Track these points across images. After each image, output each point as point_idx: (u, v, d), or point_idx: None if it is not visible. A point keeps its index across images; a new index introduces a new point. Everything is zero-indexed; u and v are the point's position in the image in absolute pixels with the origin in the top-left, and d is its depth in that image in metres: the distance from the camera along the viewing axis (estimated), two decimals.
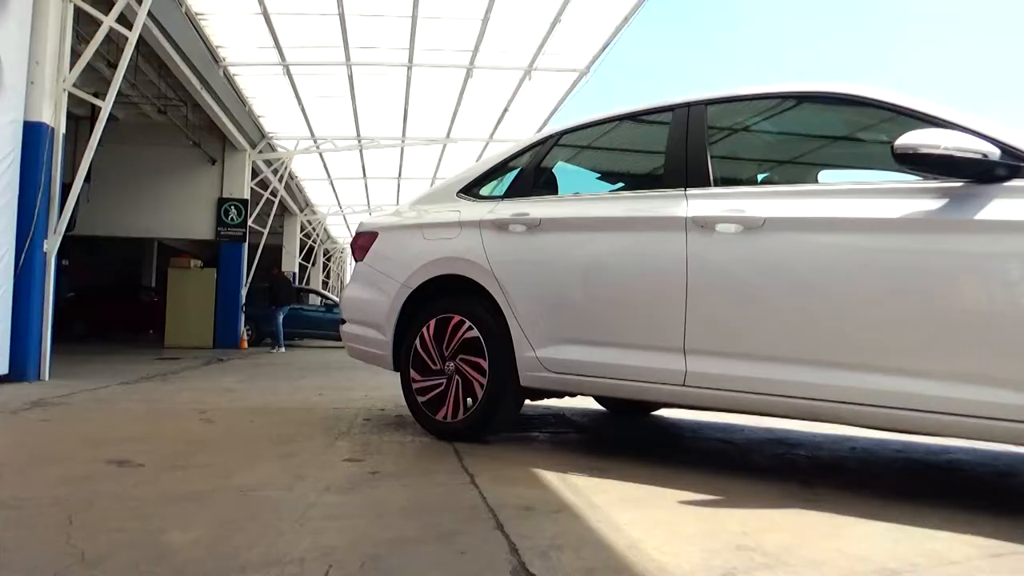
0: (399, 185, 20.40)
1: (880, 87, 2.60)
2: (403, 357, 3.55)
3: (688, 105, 3.02)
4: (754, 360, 2.56)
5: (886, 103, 2.54)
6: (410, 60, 11.52)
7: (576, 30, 10.68)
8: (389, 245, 3.83)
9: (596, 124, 3.48)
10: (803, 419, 2.61)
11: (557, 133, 3.58)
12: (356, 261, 4.04)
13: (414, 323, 3.53)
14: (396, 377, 3.66)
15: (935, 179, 2.31)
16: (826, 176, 3.14)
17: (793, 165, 3.35)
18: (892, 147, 2.26)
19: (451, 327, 3.37)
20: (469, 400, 3.28)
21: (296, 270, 23.69)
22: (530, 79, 12.23)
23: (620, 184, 3.76)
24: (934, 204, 2.29)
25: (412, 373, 3.49)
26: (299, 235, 23.79)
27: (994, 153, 2.19)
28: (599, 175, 3.83)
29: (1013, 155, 2.20)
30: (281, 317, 13.69)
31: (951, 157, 2.18)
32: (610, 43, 11.08)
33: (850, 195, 2.50)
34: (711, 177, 2.83)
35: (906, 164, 2.27)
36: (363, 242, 3.96)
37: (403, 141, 15.61)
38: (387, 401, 4.94)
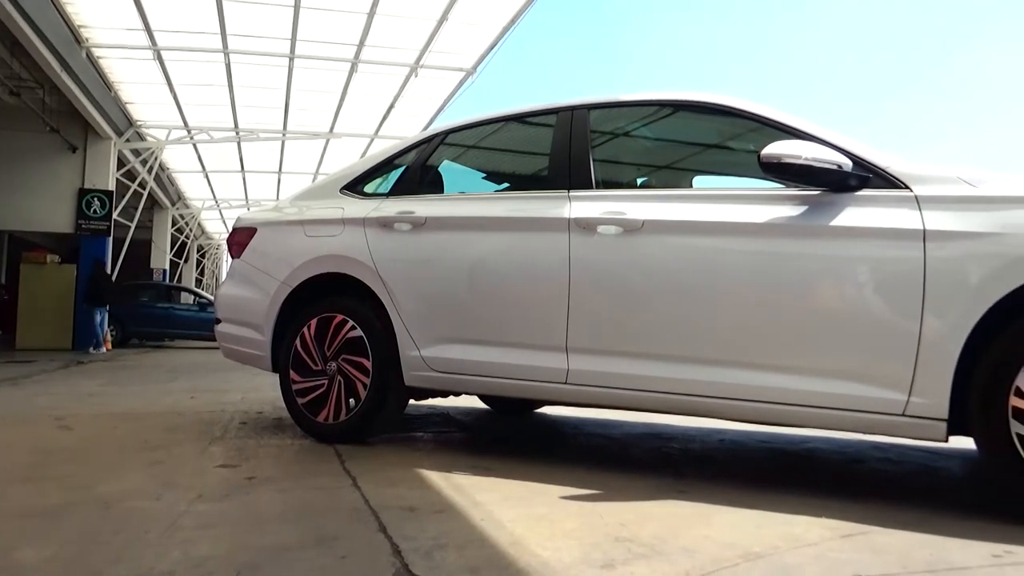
0: (279, 180, 19.72)
1: (750, 100, 2.76)
2: (282, 358, 3.43)
3: (572, 109, 3.08)
4: (633, 358, 2.65)
5: (754, 114, 2.70)
6: (292, 51, 11.16)
7: (463, 30, 10.70)
8: (268, 242, 3.70)
9: (482, 124, 3.50)
10: (677, 414, 2.73)
11: (443, 131, 3.57)
12: (233, 258, 3.87)
13: (294, 322, 3.42)
14: (275, 378, 3.54)
15: (796, 187, 2.47)
16: (700, 181, 3.30)
17: (670, 170, 3.49)
18: (758, 156, 2.40)
19: (333, 326, 3.29)
20: (352, 401, 3.22)
21: (167, 267, 22.44)
22: (416, 76, 12.14)
23: (505, 184, 3.79)
24: (795, 210, 2.45)
25: (292, 374, 3.38)
26: (170, 230, 22.55)
27: (847, 164, 2.37)
28: (485, 175, 3.85)
29: (864, 167, 2.39)
30: (100, 317, 12.68)
31: (810, 167, 2.34)
32: (497, 44, 11.18)
33: (721, 200, 2.63)
34: (593, 180, 2.91)
35: (771, 172, 2.42)
36: (240, 238, 3.80)
37: (284, 134, 15.10)
38: (265, 403, 4.76)
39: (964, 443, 2.30)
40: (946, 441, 2.21)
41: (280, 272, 3.50)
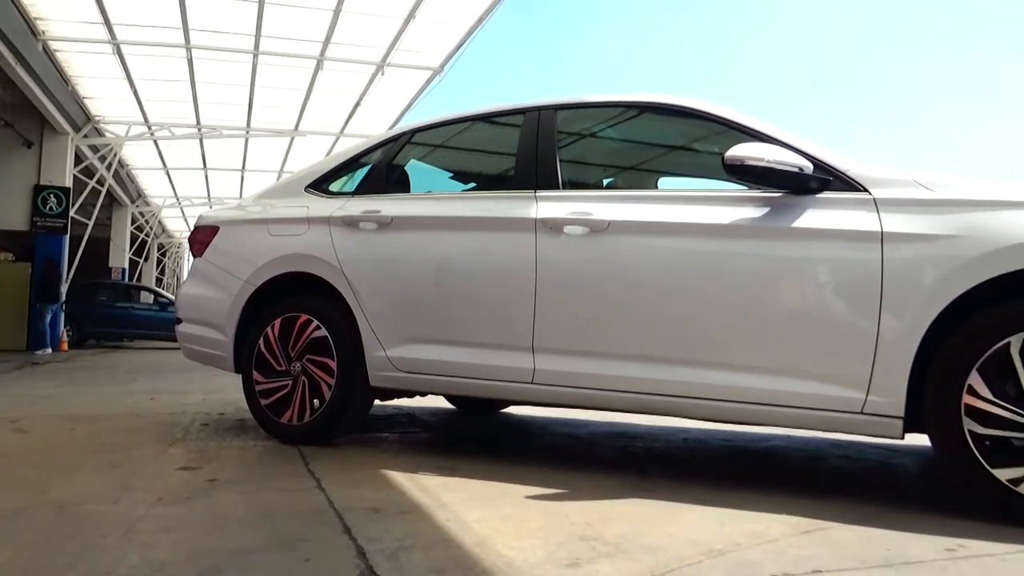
0: (243, 178, 19.42)
1: (714, 102, 2.80)
2: (245, 358, 3.39)
3: (539, 109, 3.09)
4: (599, 358, 2.67)
5: (718, 117, 2.74)
6: (256, 47, 11.01)
7: (431, 28, 10.66)
8: (231, 240, 3.64)
9: (449, 123, 3.49)
10: (643, 413, 2.75)
11: (410, 130, 3.55)
12: (194, 257, 3.81)
13: (257, 322, 3.38)
14: (237, 379, 3.49)
15: (759, 189, 2.51)
16: (665, 182, 3.34)
17: (636, 171, 3.52)
18: (723, 158, 2.43)
19: (298, 326, 3.25)
20: (316, 401, 3.19)
21: (126, 266, 21.97)
22: (383, 75, 12.07)
23: (472, 184, 3.79)
24: (757, 212, 2.49)
25: (255, 375, 3.34)
26: (130, 228, 22.06)
27: (808, 167, 2.41)
28: (451, 174, 3.84)
29: (824, 170, 2.44)
30: (50, 316, 12.36)
31: (772, 170, 2.38)
32: (465, 43, 11.15)
33: (686, 201, 2.66)
34: (560, 180, 2.92)
35: (734, 174, 2.46)
36: (202, 237, 3.74)
37: (248, 132, 14.88)
38: (227, 405, 4.69)
39: (919, 440, 2.35)
40: (902, 438, 2.27)
41: (243, 271, 3.45)
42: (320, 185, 3.57)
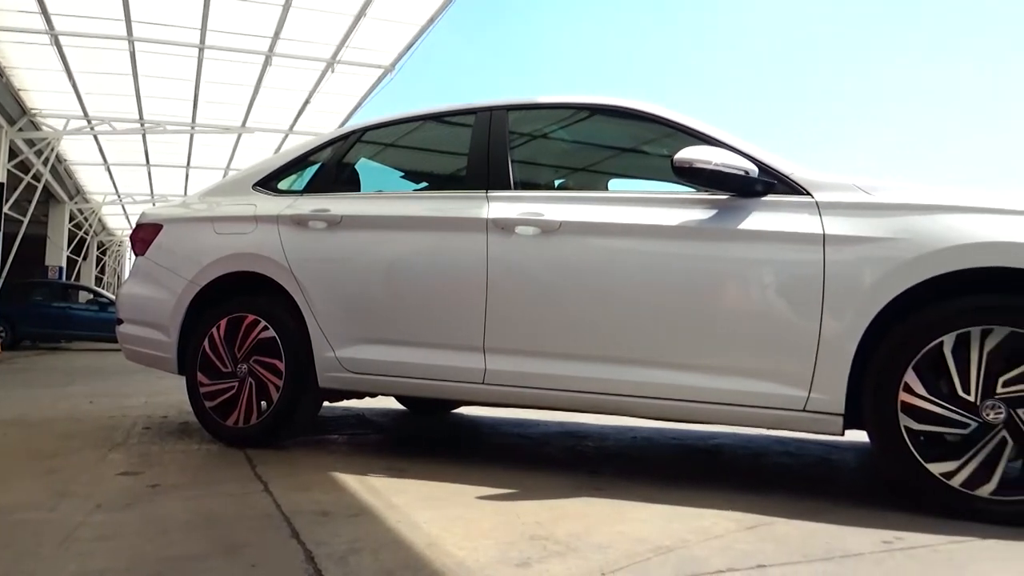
0: (188, 175, 18.98)
1: (663, 105, 2.84)
2: (189, 359, 3.31)
3: (491, 109, 3.09)
4: (549, 358, 2.68)
5: (667, 120, 2.78)
6: (202, 41, 10.77)
7: (382, 26, 10.59)
8: (175, 239, 3.55)
9: (401, 122, 3.47)
10: (593, 412, 2.78)
11: (361, 129, 3.52)
12: (136, 255, 3.70)
13: (202, 323, 3.30)
14: (181, 381, 3.40)
15: (707, 191, 2.56)
16: (616, 184, 3.38)
17: (587, 172, 3.55)
18: (671, 161, 2.47)
19: (244, 327, 3.19)
20: (263, 403, 3.13)
21: (64, 264, 21.23)
22: (333, 72, 11.93)
23: (423, 183, 3.77)
24: (705, 214, 2.54)
25: (200, 376, 3.26)
26: (68, 225, 21.32)
27: (754, 170, 2.47)
28: (403, 173, 3.81)
29: (769, 173, 2.50)
30: None
31: (719, 172, 2.43)
32: (416, 42, 11.11)
33: (636, 203, 2.70)
34: (512, 180, 2.93)
35: (683, 177, 2.50)
36: (145, 235, 3.64)
37: (193, 127, 14.54)
38: (170, 407, 4.57)
39: (858, 436, 2.43)
40: (842, 435, 2.34)
41: (188, 270, 3.37)
42: (268, 183, 3.51)
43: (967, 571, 1.70)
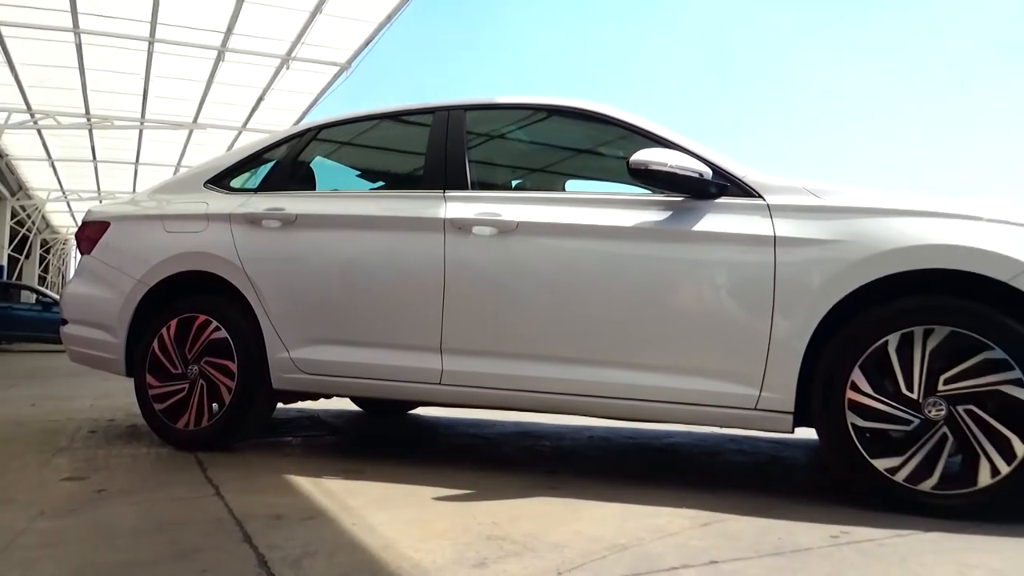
0: (136, 172, 18.52)
1: (619, 107, 2.87)
2: (138, 361, 3.22)
3: (448, 109, 3.09)
4: (506, 358, 2.69)
5: (624, 122, 2.81)
6: (152, 35, 10.52)
7: (338, 23, 10.48)
8: (123, 237, 3.46)
9: (357, 120, 3.44)
10: (550, 412, 2.79)
11: (316, 126, 3.47)
12: (82, 254, 3.60)
13: (151, 323, 3.22)
14: (129, 383, 3.32)
15: (662, 193, 2.59)
16: (573, 185, 3.40)
17: (544, 173, 3.56)
18: (628, 162, 2.50)
19: (195, 327, 3.13)
20: (215, 405, 3.07)
21: (5, 263, 20.51)
22: (288, 69, 11.78)
23: (380, 183, 3.74)
24: (660, 215, 2.57)
25: (149, 378, 3.18)
26: (9, 222, 20.61)
27: (708, 173, 2.51)
28: (359, 172, 3.78)
29: (722, 176, 2.54)
30: None
31: (674, 175, 2.46)
32: (373, 40, 11.02)
33: (592, 204, 2.72)
34: (469, 180, 2.93)
35: (639, 178, 2.53)
36: (91, 233, 3.53)
37: (143, 123, 14.18)
38: (118, 410, 4.45)
39: (808, 434, 2.48)
40: (792, 432, 2.39)
41: (136, 270, 3.29)
42: (221, 181, 3.44)
43: (910, 563, 1.75)
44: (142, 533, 1.95)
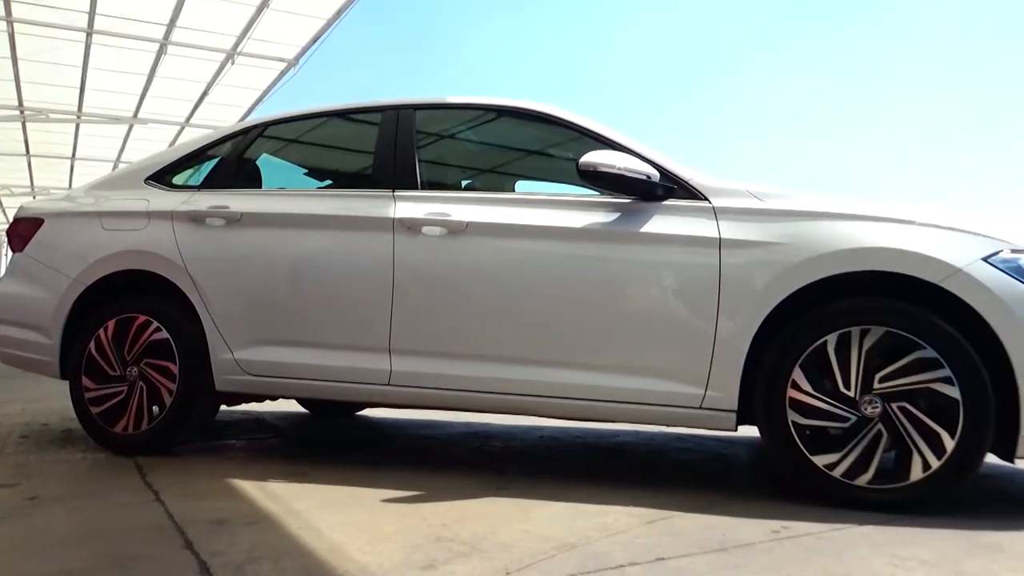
0: (73, 167, 17.88)
1: (568, 109, 2.89)
2: (73, 363, 3.12)
3: (398, 108, 3.06)
4: (456, 359, 2.68)
5: (573, 124, 2.83)
6: (90, 26, 10.17)
7: (286, 19, 10.30)
8: (58, 234, 3.34)
9: (305, 118, 3.39)
10: (500, 412, 2.79)
11: (263, 123, 3.41)
12: (13, 252, 3.46)
13: (88, 324, 3.12)
14: (63, 386, 3.20)
15: (610, 195, 2.62)
16: (523, 186, 3.41)
17: (494, 174, 3.57)
18: (577, 164, 2.52)
19: (135, 328, 3.04)
20: (155, 408, 2.99)
21: None
22: (234, 64, 11.52)
23: (328, 181, 3.69)
24: (608, 217, 2.60)
25: (85, 381, 3.08)
26: None
27: (655, 175, 2.55)
28: (306, 170, 3.72)
29: (669, 178, 2.59)
30: None
31: (622, 176, 2.50)
32: (322, 36, 10.87)
33: (542, 205, 2.73)
34: (419, 180, 2.91)
35: (588, 180, 2.56)
36: (23, 230, 3.40)
37: (79, 116, 13.70)
38: (52, 414, 4.29)
39: (751, 431, 2.54)
40: (736, 430, 2.45)
41: (72, 268, 3.17)
42: (162, 177, 3.35)
43: (846, 556, 1.81)
44: (77, 541, 1.88)
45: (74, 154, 16.58)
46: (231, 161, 3.31)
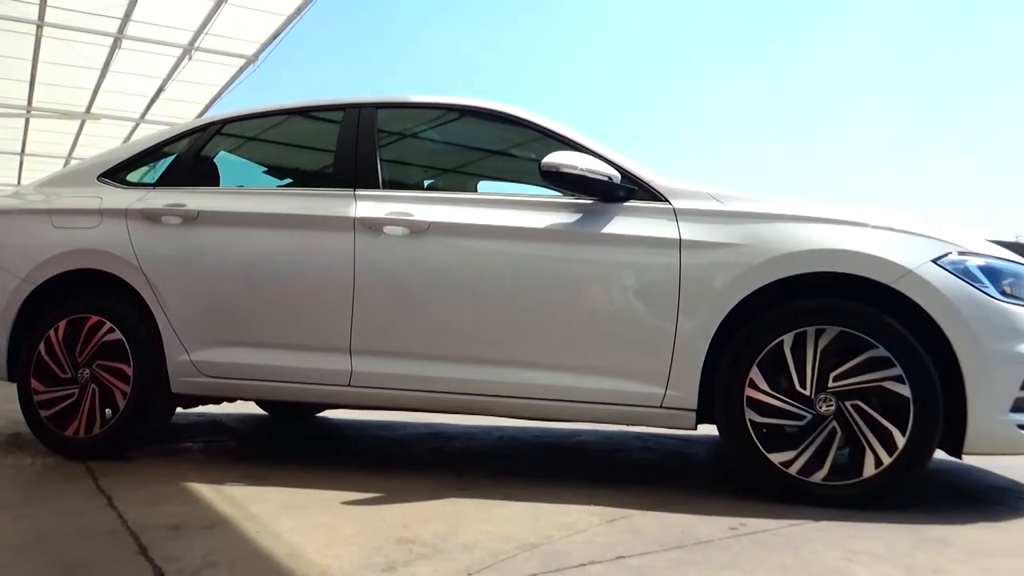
0: (22, 163, 17.38)
1: (530, 109, 2.90)
2: (22, 364, 3.02)
3: (359, 106, 3.04)
4: (416, 359, 2.67)
5: (536, 124, 2.84)
6: (41, 18, 9.88)
7: (245, 15, 10.15)
8: (6, 232, 3.23)
9: (264, 115, 3.34)
10: (460, 413, 2.79)
11: (221, 120, 3.35)
12: None
13: (37, 325, 3.03)
14: (11, 389, 3.11)
15: (572, 195, 2.63)
16: (485, 186, 3.41)
17: (457, 174, 3.56)
18: (539, 164, 2.53)
19: (87, 329, 2.96)
20: (108, 411, 2.91)
21: None
22: (191, 59, 11.30)
23: (288, 180, 3.64)
24: (570, 217, 2.61)
25: (34, 383, 2.99)
26: None
27: (617, 177, 2.57)
28: (266, 169, 3.67)
29: (631, 180, 2.61)
30: None
31: (584, 177, 2.51)
32: (282, 33, 10.73)
33: (504, 205, 2.73)
34: (380, 179, 2.89)
35: (550, 181, 2.56)
36: None
37: (29, 111, 13.31)
38: None
39: (710, 430, 2.58)
40: (695, 429, 2.48)
41: (20, 268, 3.08)
42: (116, 174, 3.27)
43: (802, 551, 1.85)
44: (25, 549, 1.83)
45: (23, 150, 16.11)
46: (188, 158, 3.24)
